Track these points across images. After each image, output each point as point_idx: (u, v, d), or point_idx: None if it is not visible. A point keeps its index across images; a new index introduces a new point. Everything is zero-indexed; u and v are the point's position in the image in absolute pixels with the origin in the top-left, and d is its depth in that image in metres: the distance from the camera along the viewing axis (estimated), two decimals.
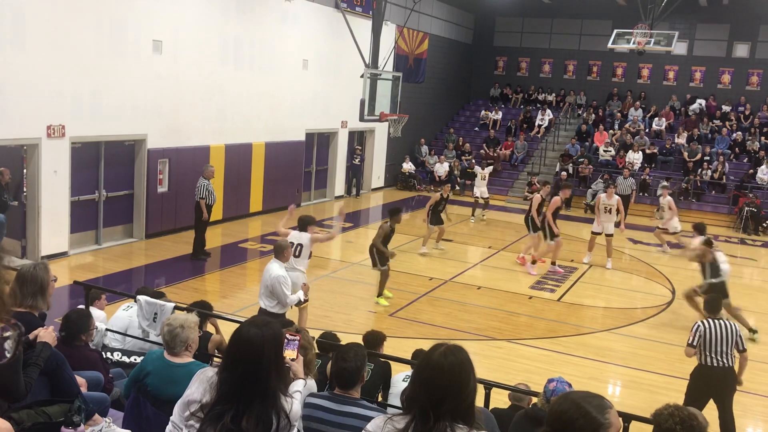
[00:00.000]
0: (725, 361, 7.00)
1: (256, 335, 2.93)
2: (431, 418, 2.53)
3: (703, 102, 25.16)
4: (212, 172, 13.24)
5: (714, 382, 7.04)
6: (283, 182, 18.25)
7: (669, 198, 16.59)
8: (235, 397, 2.89)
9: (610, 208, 14.59)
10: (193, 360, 4.32)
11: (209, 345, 6.29)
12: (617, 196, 15.04)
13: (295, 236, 9.31)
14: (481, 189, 18.84)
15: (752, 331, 10.65)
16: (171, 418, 3.12)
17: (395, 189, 23.82)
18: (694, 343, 7.05)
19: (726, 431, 7.10)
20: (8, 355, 3.46)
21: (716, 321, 7.09)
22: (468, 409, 2.59)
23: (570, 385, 4.85)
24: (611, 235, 14.73)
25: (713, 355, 6.99)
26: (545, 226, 13.83)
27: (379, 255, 11.16)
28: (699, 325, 7.08)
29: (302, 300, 8.45)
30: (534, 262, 14.10)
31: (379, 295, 11.43)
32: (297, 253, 9.21)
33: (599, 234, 14.73)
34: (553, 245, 13.93)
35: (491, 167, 20.36)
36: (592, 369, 9.26)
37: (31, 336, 3.96)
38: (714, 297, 7.43)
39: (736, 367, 7.19)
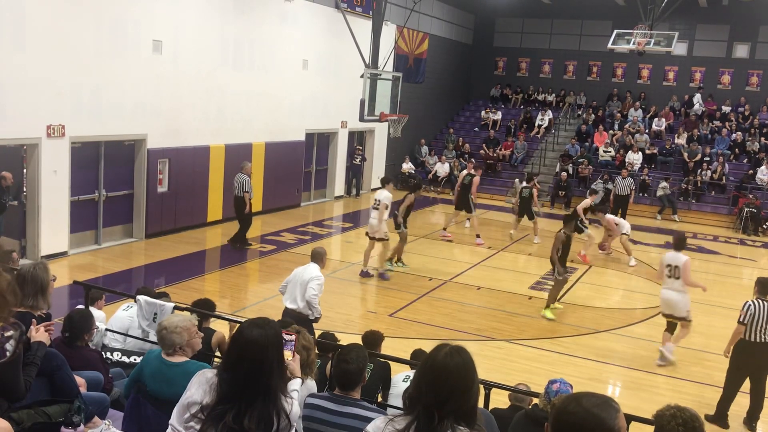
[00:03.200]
0: (766, 338, 7.58)
1: (260, 335, 2.93)
2: (435, 418, 2.52)
3: (699, 95, 25.15)
4: (250, 168, 14.36)
5: (753, 356, 7.63)
6: (282, 182, 18.24)
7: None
8: (237, 397, 2.88)
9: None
10: (189, 359, 4.31)
11: (212, 341, 6.28)
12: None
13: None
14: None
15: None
16: (170, 421, 3.12)
17: (395, 189, 23.77)
18: (745, 321, 7.60)
19: (757, 406, 7.73)
20: (8, 355, 3.46)
21: (764, 302, 7.63)
22: (471, 410, 2.59)
23: (572, 386, 4.85)
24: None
25: (756, 332, 7.57)
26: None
27: (403, 219, 12.87)
28: (750, 305, 7.61)
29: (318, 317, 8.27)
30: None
31: (392, 259, 13.20)
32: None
33: None
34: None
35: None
36: (592, 369, 9.25)
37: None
38: (766, 280, 7.91)
39: None
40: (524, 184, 17.04)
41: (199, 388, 3.03)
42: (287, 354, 3.37)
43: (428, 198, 22.98)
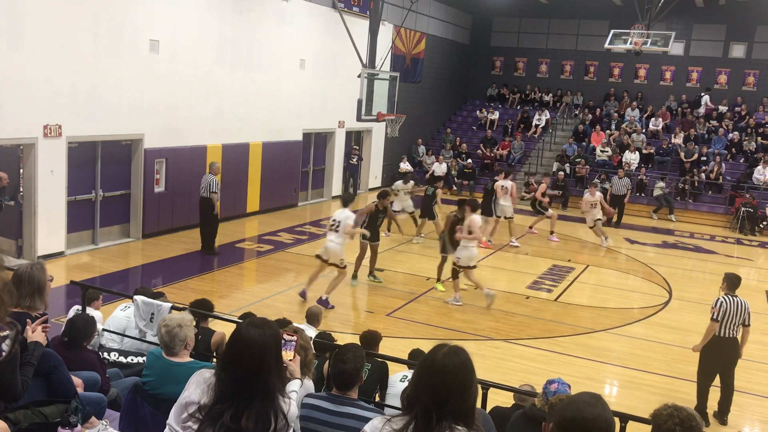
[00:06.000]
0: (734, 333, 7.74)
1: (258, 335, 2.92)
2: (434, 418, 2.52)
3: (708, 97, 25.13)
4: (219, 169, 13.69)
5: (724, 351, 7.76)
6: (280, 182, 18.23)
7: None
8: (235, 397, 2.88)
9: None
10: (193, 359, 4.31)
11: (212, 341, 6.28)
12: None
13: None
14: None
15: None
16: (167, 421, 3.11)
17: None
18: (718, 318, 7.68)
19: (727, 400, 7.86)
20: (4, 355, 3.44)
21: (734, 298, 7.77)
22: (469, 410, 2.59)
23: (569, 387, 4.85)
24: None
25: (727, 328, 7.70)
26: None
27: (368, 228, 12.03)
28: (722, 301, 7.71)
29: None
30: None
31: (354, 274, 12.23)
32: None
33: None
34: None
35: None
36: (589, 369, 9.26)
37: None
38: (734, 275, 8.04)
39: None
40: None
41: (197, 387, 3.03)
42: (288, 354, 3.37)
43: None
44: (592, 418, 2.33)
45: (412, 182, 16.38)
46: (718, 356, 7.81)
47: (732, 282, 7.96)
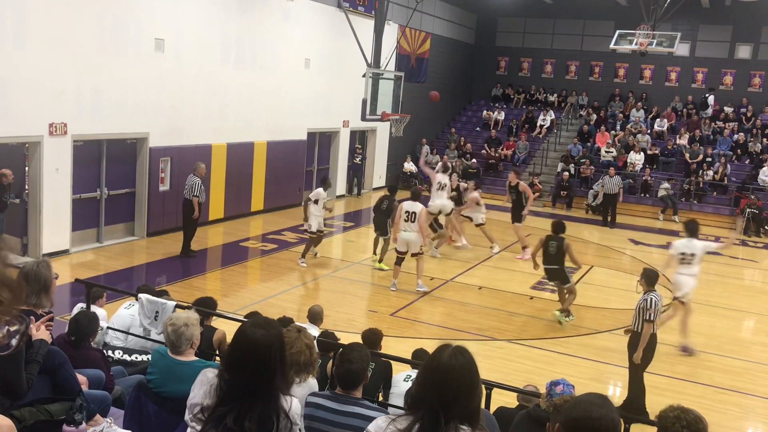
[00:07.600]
0: (657, 327, 7.85)
1: (263, 336, 2.90)
2: (441, 419, 2.52)
3: (712, 97, 25.06)
4: (204, 170, 13.36)
5: (653, 347, 7.77)
6: (284, 181, 18.25)
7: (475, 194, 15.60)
8: (238, 399, 2.88)
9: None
10: (198, 358, 4.31)
11: (213, 339, 6.28)
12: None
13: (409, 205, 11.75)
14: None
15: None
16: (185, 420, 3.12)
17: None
18: (654, 318, 7.65)
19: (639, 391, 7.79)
20: (14, 345, 3.45)
21: (657, 294, 7.79)
22: (475, 411, 2.59)
23: (574, 388, 4.84)
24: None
25: (656, 324, 7.79)
26: None
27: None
28: (656, 302, 7.65)
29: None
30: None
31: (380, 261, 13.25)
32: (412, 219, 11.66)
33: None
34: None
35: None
36: (592, 370, 9.25)
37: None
38: (652, 271, 8.02)
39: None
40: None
41: (201, 388, 3.03)
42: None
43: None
44: (598, 418, 2.34)
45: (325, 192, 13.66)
46: (653, 352, 7.79)
47: (651, 279, 7.90)
